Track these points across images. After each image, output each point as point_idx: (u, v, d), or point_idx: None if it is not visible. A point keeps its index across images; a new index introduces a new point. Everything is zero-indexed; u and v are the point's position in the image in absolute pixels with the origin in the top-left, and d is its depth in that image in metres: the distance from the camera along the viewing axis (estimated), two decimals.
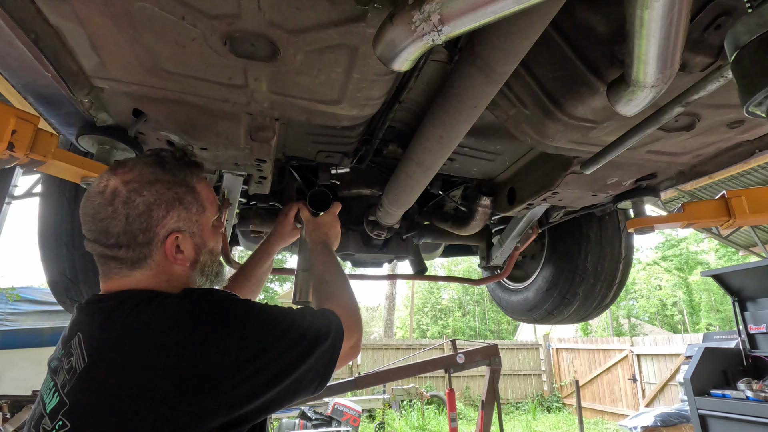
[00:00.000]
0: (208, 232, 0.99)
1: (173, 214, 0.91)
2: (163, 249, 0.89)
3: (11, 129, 1.01)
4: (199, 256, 0.96)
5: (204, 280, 1.00)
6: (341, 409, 6.36)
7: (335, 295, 1.13)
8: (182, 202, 0.93)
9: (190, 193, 0.95)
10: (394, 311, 20.85)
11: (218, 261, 1.04)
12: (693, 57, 0.86)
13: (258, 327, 0.83)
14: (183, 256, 0.92)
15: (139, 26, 0.82)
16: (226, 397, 0.74)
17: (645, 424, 6.28)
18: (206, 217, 0.98)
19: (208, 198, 1.00)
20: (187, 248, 0.93)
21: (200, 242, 0.97)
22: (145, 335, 0.77)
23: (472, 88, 0.92)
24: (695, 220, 1.52)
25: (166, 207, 0.90)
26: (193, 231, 0.95)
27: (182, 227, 0.92)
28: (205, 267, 0.98)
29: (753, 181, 7.30)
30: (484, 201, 1.91)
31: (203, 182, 1.01)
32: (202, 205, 0.97)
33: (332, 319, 0.97)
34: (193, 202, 0.95)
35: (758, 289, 4.57)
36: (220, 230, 1.06)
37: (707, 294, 25.16)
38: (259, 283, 1.53)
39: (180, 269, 0.93)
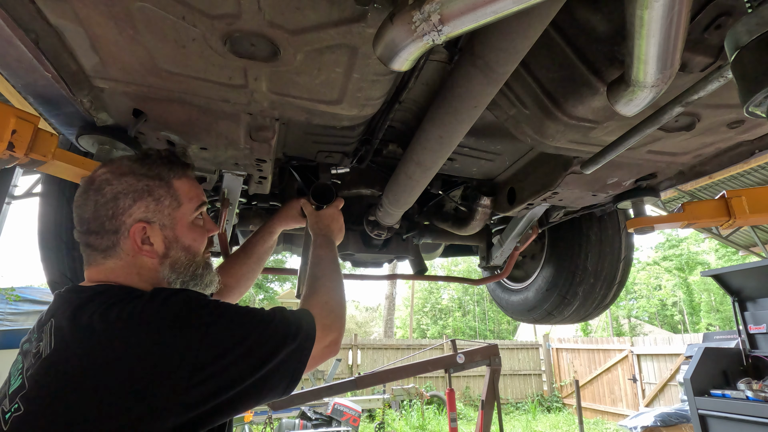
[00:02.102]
0: (183, 228, 0.98)
1: (140, 204, 0.92)
2: (130, 238, 0.91)
3: (11, 129, 1.01)
4: (169, 251, 0.96)
5: (176, 278, 0.98)
6: (341, 409, 6.36)
7: (318, 291, 1.11)
8: (152, 194, 0.94)
9: (163, 187, 0.96)
10: (394, 311, 20.85)
11: (198, 262, 1.02)
12: (693, 57, 0.86)
13: (220, 329, 0.82)
14: (151, 249, 0.93)
15: (139, 26, 0.82)
16: (182, 397, 0.74)
17: (645, 424, 6.28)
18: (181, 213, 0.98)
19: (188, 195, 1.00)
20: (156, 241, 0.94)
21: (171, 236, 0.96)
22: (108, 333, 0.77)
23: (472, 88, 0.92)
24: (695, 220, 1.52)
25: (134, 197, 0.92)
26: (164, 224, 0.95)
27: (151, 218, 0.93)
28: (177, 264, 0.97)
29: (753, 181, 7.30)
30: (484, 201, 1.91)
31: (186, 180, 1.02)
32: (177, 200, 0.98)
33: (304, 319, 0.96)
34: (165, 195, 0.96)
35: (758, 289, 4.57)
36: (203, 229, 1.04)
37: (707, 294, 25.17)
38: (259, 262, 1.53)
39: (149, 262, 0.94)
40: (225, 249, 1.73)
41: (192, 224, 1.01)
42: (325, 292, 1.12)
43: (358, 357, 12.07)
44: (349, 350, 12.06)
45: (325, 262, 1.24)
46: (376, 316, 30.91)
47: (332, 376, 7.66)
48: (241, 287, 1.47)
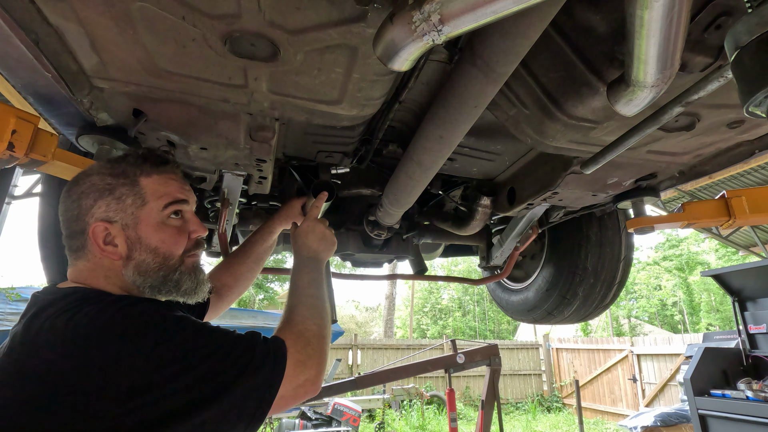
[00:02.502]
0: (149, 229, 0.91)
1: (101, 203, 0.89)
2: (91, 239, 0.88)
3: (11, 129, 1.01)
4: (132, 252, 0.90)
5: (143, 282, 0.91)
6: (341, 409, 6.36)
7: (293, 321, 0.98)
8: (113, 193, 0.90)
9: (127, 185, 0.91)
10: (394, 311, 20.85)
11: (171, 266, 0.93)
12: (693, 57, 0.86)
13: (170, 349, 0.75)
14: (114, 250, 0.89)
15: (139, 26, 0.82)
16: (115, 421, 0.67)
17: (645, 424, 6.28)
18: (147, 211, 0.92)
19: (155, 192, 0.94)
20: (120, 241, 0.89)
21: (134, 237, 0.90)
22: (51, 340, 0.73)
23: (472, 88, 0.92)
24: (695, 220, 1.52)
25: (94, 197, 0.89)
26: (127, 223, 0.90)
27: (112, 217, 0.89)
28: (142, 266, 0.90)
29: (753, 181, 7.30)
30: (484, 201, 1.91)
31: (158, 177, 0.95)
32: (143, 198, 0.92)
33: (275, 351, 0.85)
34: (128, 193, 0.91)
35: (758, 289, 4.57)
36: (177, 230, 0.95)
37: (707, 294, 25.16)
38: (258, 261, 1.53)
39: (113, 264, 0.89)
40: (225, 249, 1.73)
41: (161, 224, 0.93)
42: (300, 321, 0.98)
43: (358, 357, 12.07)
44: (349, 350, 12.05)
45: (301, 288, 1.10)
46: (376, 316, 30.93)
47: (332, 376, 7.66)
48: (239, 286, 1.47)
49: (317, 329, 0.97)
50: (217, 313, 1.37)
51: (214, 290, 1.34)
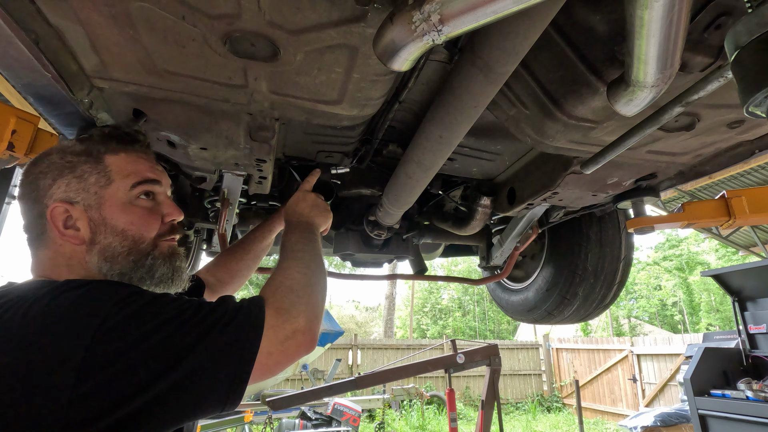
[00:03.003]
0: (114, 209, 0.83)
1: (60, 182, 0.82)
2: (50, 222, 0.80)
3: (11, 129, 1.01)
4: (96, 236, 0.82)
5: (110, 269, 0.82)
6: (341, 409, 6.36)
7: (275, 276, 0.88)
8: (73, 171, 0.83)
9: (89, 162, 0.84)
10: (394, 311, 20.85)
11: (142, 250, 0.85)
12: (693, 57, 0.86)
13: (122, 320, 0.66)
14: (76, 234, 0.81)
15: (139, 26, 0.82)
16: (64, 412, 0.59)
17: (645, 424, 6.28)
18: (112, 191, 0.84)
19: (122, 171, 0.86)
20: (82, 224, 0.81)
21: (98, 218, 0.82)
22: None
23: (472, 88, 0.92)
24: (695, 220, 1.52)
25: (53, 175, 0.82)
26: (89, 204, 0.82)
27: (73, 198, 0.81)
28: (108, 251, 0.82)
29: (753, 181, 7.30)
30: (484, 201, 1.91)
31: (125, 155, 0.88)
32: (108, 176, 0.84)
33: (248, 305, 0.76)
34: (90, 171, 0.83)
35: (758, 289, 4.57)
36: (148, 212, 0.88)
37: (707, 294, 25.17)
38: (256, 259, 1.52)
39: (75, 249, 0.81)
40: (225, 249, 1.73)
41: (129, 204, 0.85)
42: (282, 272, 0.89)
43: (358, 357, 12.07)
44: (349, 350, 12.05)
45: (287, 247, 1.02)
46: (376, 316, 30.92)
47: (332, 376, 7.65)
48: (235, 283, 1.46)
49: (302, 277, 0.89)
50: None
51: (208, 286, 1.34)
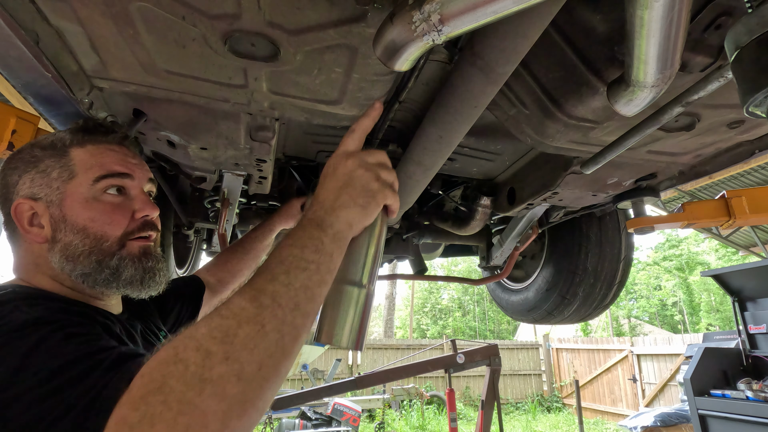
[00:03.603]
0: (75, 205, 0.78)
1: (26, 178, 0.78)
2: (15, 219, 0.77)
3: (11, 129, 1.01)
4: (56, 233, 0.77)
5: (72, 269, 0.76)
6: (341, 409, 6.36)
7: (177, 342, 0.52)
8: (37, 165, 0.79)
9: (54, 156, 0.80)
10: (394, 311, 20.85)
11: (105, 249, 0.78)
12: (693, 57, 0.86)
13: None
14: (39, 231, 0.77)
15: (139, 26, 0.82)
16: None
17: (645, 424, 6.28)
18: (74, 185, 0.79)
19: (86, 163, 0.81)
20: (45, 221, 0.77)
21: (58, 215, 0.77)
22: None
23: (472, 88, 0.92)
24: (695, 220, 1.52)
25: (19, 172, 0.79)
26: (51, 200, 0.77)
27: (37, 194, 0.77)
28: (68, 251, 0.76)
29: (753, 181, 7.30)
30: (484, 201, 1.91)
31: (93, 147, 0.83)
32: (71, 170, 0.79)
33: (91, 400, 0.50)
34: (53, 165, 0.79)
35: (758, 289, 4.57)
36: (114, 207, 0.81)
37: (707, 294, 25.17)
38: (256, 259, 1.52)
39: (38, 247, 0.78)
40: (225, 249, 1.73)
41: (92, 200, 0.79)
42: (185, 344, 0.51)
43: (358, 357, 12.07)
44: (349, 350, 12.04)
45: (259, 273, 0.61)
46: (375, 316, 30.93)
47: (332, 376, 7.66)
48: (235, 283, 1.46)
49: (205, 365, 0.49)
50: (210, 309, 1.37)
51: (208, 287, 1.33)
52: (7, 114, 1.02)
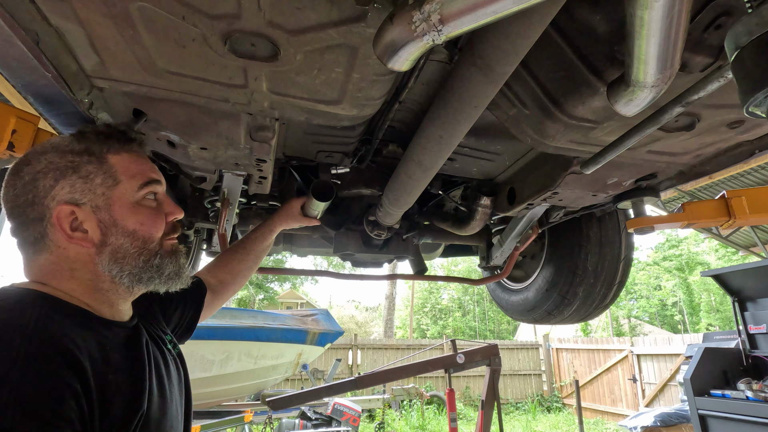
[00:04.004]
0: (124, 210, 0.83)
1: (64, 183, 0.80)
2: (55, 225, 0.78)
3: (11, 129, 1.01)
4: (107, 237, 0.81)
5: (120, 271, 0.82)
6: (341, 409, 6.35)
7: None
8: (77, 171, 0.81)
9: (93, 163, 0.83)
10: (394, 311, 20.86)
11: (151, 249, 0.85)
12: (693, 57, 0.86)
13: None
14: (85, 236, 0.80)
15: (139, 26, 0.82)
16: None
17: (645, 424, 6.28)
18: (120, 191, 0.84)
19: (127, 171, 0.86)
20: (90, 226, 0.80)
21: (108, 220, 0.81)
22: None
23: (472, 88, 0.92)
24: (695, 220, 1.52)
25: (55, 176, 0.79)
26: (97, 205, 0.81)
27: (79, 199, 0.80)
28: (119, 252, 0.82)
29: (753, 181, 7.30)
30: (484, 201, 1.91)
31: (127, 155, 0.88)
32: (114, 177, 0.84)
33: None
34: (96, 172, 0.82)
35: (758, 289, 4.57)
36: (155, 212, 0.88)
37: (707, 294, 25.17)
38: (257, 259, 1.52)
39: (82, 252, 0.80)
40: (225, 249, 1.73)
41: (137, 205, 0.86)
42: None
43: (358, 357, 12.07)
44: (349, 350, 12.06)
45: None
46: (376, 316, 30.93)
47: (332, 376, 7.66)
48: (236, 284, 1.46)
49: None
50: (212, 311, 1.36)
51: (210, 287, 1.33)
52: (7, 114, 1.02)
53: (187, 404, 0.99)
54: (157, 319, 1.06)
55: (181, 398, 0.96)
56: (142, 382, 0.78)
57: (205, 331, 4.84)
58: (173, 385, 0.92)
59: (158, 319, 1.07)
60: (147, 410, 0.77)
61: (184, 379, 1.00)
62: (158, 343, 0.95)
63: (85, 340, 0.72)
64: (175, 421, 0.88)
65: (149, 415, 0.77)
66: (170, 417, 0.85)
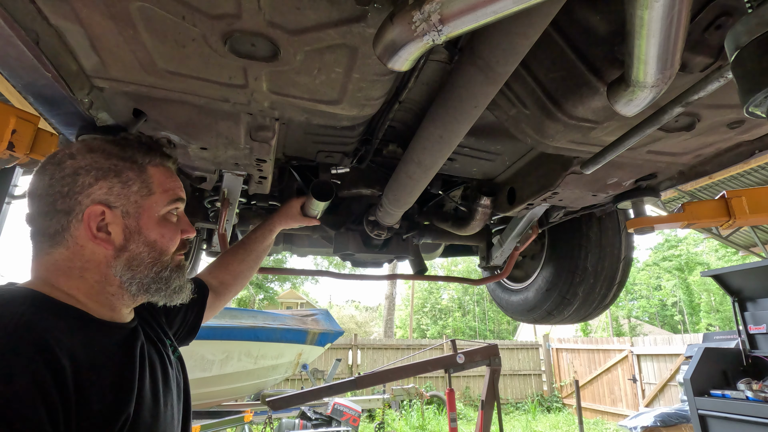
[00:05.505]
0: (150, 221, 0.86)
1: (103, 184, 0.81)
2: (83, 222, 0.79)
3: (11, 129, 1.01)
4: (128, 243, 0.83)
5: (131, 278, 0.83)
6: (341, 409, 6.35)
7: None
8: (119, 175, 0.83)
9: (134, 170, 0.86)
10: (394, 311, 20.86)
11: (164, 262, 0.87)
12: (693, 57, 0.86)
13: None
14: (107, 238, 0.81)
15: (139, 26, 0.82)
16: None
17: (645, 424, 6.28)
18: (151, 202, 0.87)
19: (162, 185, 0.89)
20: (115, 230, 0.82)
21: (134, 227, 0.84)
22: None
23: (472, 88, 0.92)
24: (695, 220, 1.52)
25: (96, 175, 0.81)
26: (128, 211, 0.83)
27: (113, 202, 0.82)
28: (135, 260, 0.84)
29: (753, 181, 7.30)
30: (484, 201, 1.91)
31: (164, 169, 0.91)
32: (149, 188, 0.87)
33: None
34: (135, 179, 0.85)
35: (758, 289, 4.57)
36: (175, 227, 0.91)
37: (707, 294, 25.18)
38: (258, 260, 1.52)
39: (100, 253, 0.81)
40: (225, 249, 1.73)
41: (162, 218, 0.88)
42: None
43: (358, 357, 12.07)
44: (349, 350, 12.06)
45: None
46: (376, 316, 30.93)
47: (332, 376, 7.66)
48: (238, 285, 1.46)
49: None
50: (214, 312, 1.36)
51: (211, 289, 1.33)
52: (7, 114, 1.02)
53: (185, 410, 0.98)
54: (159, 322, 1.05)
55: (179, 403, 0.95)
56: (130, 384, 0.78)
57: (204, 331, 4.81)
58: (170, 389, 0.91)
59: (160, 322, 1.06)
60: (136, 414, 0.76)
61: (183, 384, 1.00)
62: (158, 346, 0.95)
63: (70, 339, 0.72)
64: (169, 426, 0.87)
65: (138, 418, 0.76)
66: (163, 422, 0.84)
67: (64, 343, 0.70)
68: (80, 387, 0.69)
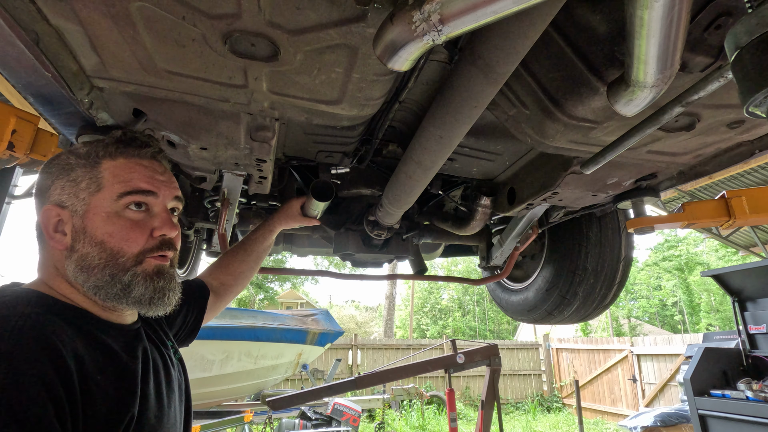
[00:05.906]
0: (97, 218, 0.79)
1: (57, 183, 0.81)
2: (42, 223, 0.80)
3: (11, 129, 1.01)
4: (75, 243, 0.79)
5: (85, 280, 0.78)
6: (341, 409, 6.35)
7: None
8: (68, 174, 0.81)
9: (86, 167, 0.81)
10: (394, 311, 20.85)
11: (121, 265, 0.79)
12: (693, 57, 0.86)
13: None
14: (62, 239, 0.79)
15: (139, 26, 0.82)
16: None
17: (645, 424, 6.28)
18: (98, 199, 0.80)
19: (114, 179, 0.81)
20: (67, 229, 0.80)
21: (79, 226, 0.79)
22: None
23: (472, 88, 0.92)
24: (695, 220, 1.52)
25: (53, 176, 0.81)
26: (76, 209, 0.79)
27: (65, 201, 0.80)
28: (84, 261, 0.78)
29: (753, 181, 7.30)
30: (484, 201, 1.91)
31: (125, 161, 0.83)
32: (98, 183, 0.80)
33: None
34: (83, 176, 0.80)
35: (758, 289, 4.57)
36: (134, 224, 0.82)
37: (707, 294, 25.18)
38: (258, 260, 1.52)
39: (57, 254, 0.80)
40: (225, 249, 1.73)
41: (114, 215, 0.80)
42: None
43: (358, 357, 12.07)
44: (349, 350, 12.06)
45: None
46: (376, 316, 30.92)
47: (332, 376, 7.66)
48: (238, 285, 1.46)
49: None
50: (215, 313, 1.36)
51: (212, 290, 1.34)
52: (7, 114, 1.02)
53: (186, 410, 0.98)
54: (161, 324, 1.05)
55: (181, 404, 0.95)
56: (134, 385, 0.78)
57: (205, 331, 4.81)
58: (173, 391, 0.91)
59: (162, 323, 1.06)
60: (140, 414, 0.76)
61: (184, 385, 1.00)
62: (160, 348, 0.95)
63: (73, 339, 0.72)
64: (172, 427, 0.87)
65: (142, 419, 0.77)
66: (167, 423, 0.84)
67: (69, 344, 0.70)
68: (86, 388, 0.69)
